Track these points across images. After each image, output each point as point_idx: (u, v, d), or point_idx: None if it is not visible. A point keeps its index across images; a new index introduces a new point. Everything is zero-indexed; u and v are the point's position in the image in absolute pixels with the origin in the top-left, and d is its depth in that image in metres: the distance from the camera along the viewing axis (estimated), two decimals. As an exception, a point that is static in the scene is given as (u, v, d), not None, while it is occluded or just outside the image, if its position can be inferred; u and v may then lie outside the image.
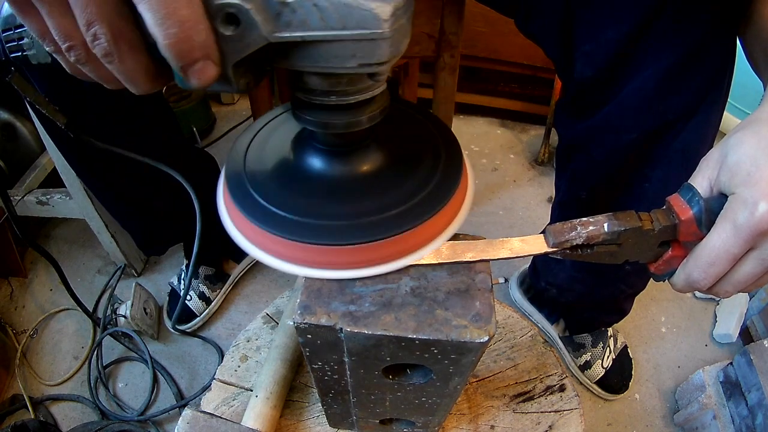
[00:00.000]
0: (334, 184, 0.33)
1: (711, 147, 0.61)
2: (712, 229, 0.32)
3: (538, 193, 1.42)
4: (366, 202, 0.32)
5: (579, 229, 0.33)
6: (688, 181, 0.35)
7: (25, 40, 0.31)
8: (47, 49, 0.26)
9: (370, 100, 0.29)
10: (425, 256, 0.33)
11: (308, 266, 0.31)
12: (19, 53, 0.32)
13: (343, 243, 0.30)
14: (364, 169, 0.34)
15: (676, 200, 0.34)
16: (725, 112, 0.60)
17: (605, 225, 0.33)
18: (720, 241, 0.32)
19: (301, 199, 0.32)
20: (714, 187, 0.34)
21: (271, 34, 0.24)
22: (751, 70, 0.48)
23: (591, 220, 0.33)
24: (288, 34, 0.24)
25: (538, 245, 0.34)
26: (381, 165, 0.34)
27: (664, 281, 0.38)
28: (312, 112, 0.30)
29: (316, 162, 0.33)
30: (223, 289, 1.13)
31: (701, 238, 0.33)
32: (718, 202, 0.33)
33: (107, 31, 0.23)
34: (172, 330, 1.06)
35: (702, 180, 0.34)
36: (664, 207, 0.34)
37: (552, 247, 0.33)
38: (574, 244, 0.33)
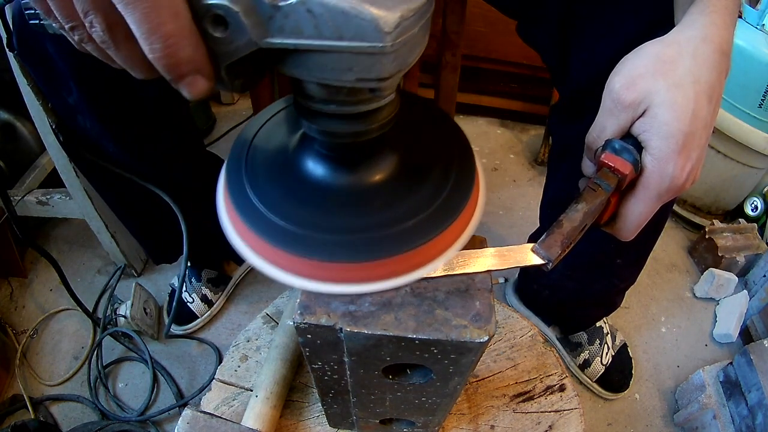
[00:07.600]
0: (340, 194, 0.31)
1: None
2: (635, 198, 0.38)
3: (538, 193, 1.40)
4: (375, 215, 0.30)
5: (565, 234, 0.34)
6: (608, 138, 0.38)
7: None
8: (54, 25, 0.25)
9: (376, 110, 0.27)
10: (436, 269, 0.32)
11: (315, 280, 0.30)
12: (37, 21, 0.31)
13: (349, 260, 0.28)
14: (371, 178, 0.31)
15: (612, 158, 0.36)
16: (723, 112, 0.60)
17: (579, 216, 0.35)
18: (647, 209, 0.38)
19: (306, 209, 0.30)
20: (623, 127, 0.38)
21: (261, 39, 0.22)
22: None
23: (564, 220, 0.34)
24: (279, 41, 0.22)
25: (534, 259, 0.34)
26: (390, 174, 0.32)
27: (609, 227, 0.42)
28: (313, 118, 0.28)
29: (321, 170, 0.31)
30: (225, 291, 1.13)
31: (635, 178, 0.37)
32: (635, 141, 0.37)
33: (102, 21, 0.23)
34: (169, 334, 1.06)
35: (613, 127, 0.38)
36: (602, 169, 0.37)
37: (550, 263, 0.33)
38: (568, 250, 0.33)
